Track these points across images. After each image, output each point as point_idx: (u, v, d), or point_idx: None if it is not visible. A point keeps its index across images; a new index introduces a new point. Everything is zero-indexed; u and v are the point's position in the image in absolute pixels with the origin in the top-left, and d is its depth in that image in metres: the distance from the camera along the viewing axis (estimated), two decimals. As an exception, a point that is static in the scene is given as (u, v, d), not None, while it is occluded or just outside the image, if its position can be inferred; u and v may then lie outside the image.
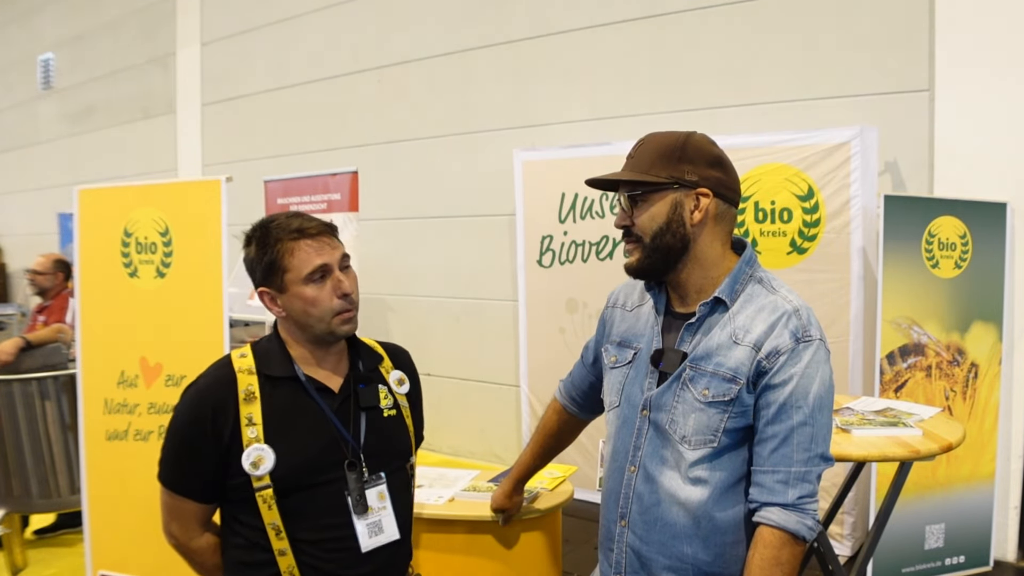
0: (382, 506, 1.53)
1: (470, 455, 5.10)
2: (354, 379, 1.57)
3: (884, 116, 3.54)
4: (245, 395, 1.47)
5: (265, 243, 1.50)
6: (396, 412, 1.61)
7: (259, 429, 1.45)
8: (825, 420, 1.36)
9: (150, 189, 3.23)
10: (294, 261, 1.48)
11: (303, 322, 1.51)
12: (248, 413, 1.46)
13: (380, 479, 1.53)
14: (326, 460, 1.49)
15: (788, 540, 1.31)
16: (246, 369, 1.51)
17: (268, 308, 1.54)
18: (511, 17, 4.81)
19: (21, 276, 8.49)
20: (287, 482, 1.45)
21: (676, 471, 1.40)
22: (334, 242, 1.54)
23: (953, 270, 3.33)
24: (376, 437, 1.55)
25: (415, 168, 5.31)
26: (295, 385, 1.51)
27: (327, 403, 1.52)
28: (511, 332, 4.72)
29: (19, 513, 3.52)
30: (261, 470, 1.43)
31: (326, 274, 1.50)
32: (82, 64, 8.08)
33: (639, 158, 1.42)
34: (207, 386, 1.50)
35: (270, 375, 1.50)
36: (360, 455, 1.51)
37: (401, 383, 1.66)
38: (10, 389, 3.33)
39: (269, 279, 1.51)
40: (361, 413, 1.55)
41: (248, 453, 1.44)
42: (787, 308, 1.37)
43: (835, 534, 3.41)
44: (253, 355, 1.54)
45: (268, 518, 1.45)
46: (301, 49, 5.97)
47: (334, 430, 1.51)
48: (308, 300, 1.48)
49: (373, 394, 1.58)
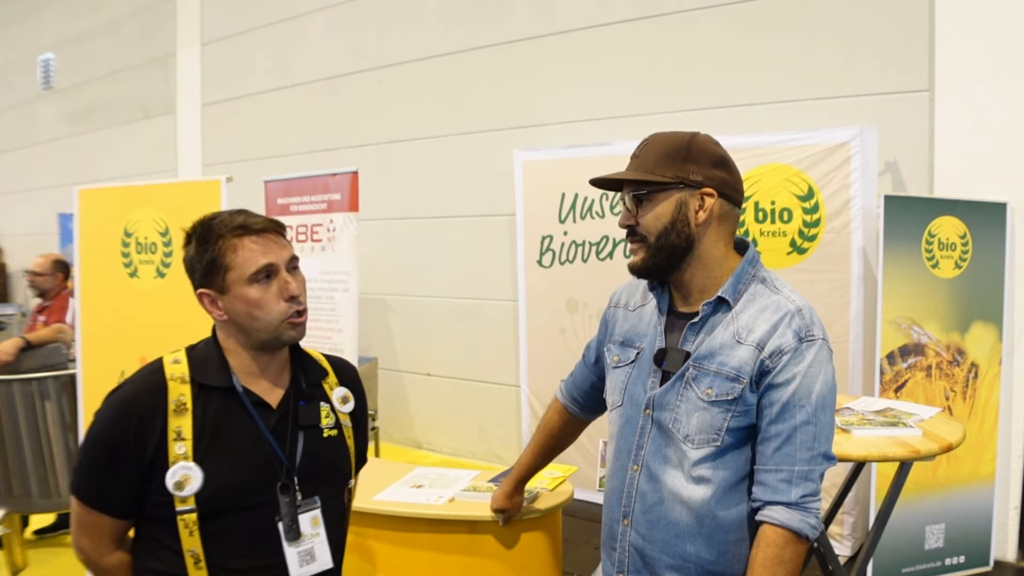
0: (315, 532, 1.41)
1: (470, 455, 5.11)
2: (295, 394, 1.46)
3: (884, 116, 3.54)
4: (175, 406, 1.35)
5: (206, 240, 1.39)
6: (337, 432, 1.49)
7: (188, 445, 1.33)
8: (828, 419, 1.37)
9: (150, 189, 3.24)
10: (237, 259, 1.37)
11: (246, 326, 1.39)
12: (177, 427, 1.34)
13: (314, 503, 1.42)
14: (258, 482, 1.37)
15: (791, 538, 1.32)
16: (179, 377, 1.38)
17: (208, 311, 1.42)
18: (511, 17, 4.82)
19: (21, 276, 8.49)
20: (213, 505, 1.33)
21: (679, 470, 1.40)
22: (281, 241, 1.43)
23: (953, 270, 3.33)
24: (313, 459, 1.44)
25: (415, 168, 5.31)
26: (231, 397, 1.39)
27: (264, 419, 1.40)
28: (511, 332, 4.72)
29: (19, 513, 3.52)
30: (186, 491, 1.31)
31: (272, 274, 1.39)
32: (82, 64, 8.08)
33: (644, 158, 1.42)
34: (134, 393, 1.37)
35: (205, 384, 1.38)
36: (294, 477, 1.40)
37: (345, 401, 1.54)
38: (10, 389, 3.32)
39: (209, 279, 1.39)
40: (299, 432, 1.43)
41: (173, 471, 1.31)
42: (790, 308, 1.38)
43: (835, 534, 3.41)
44: (188, 361, 1.41)
45: (188, 544, 1.32)
46: (301, 49, 5.97)
47: (269, 449, 1.39)
48: (252, 302, 1.37)
49: (314, 412, 1.47)
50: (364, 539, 2.18)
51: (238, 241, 1.38)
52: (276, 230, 1.43)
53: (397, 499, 2.19)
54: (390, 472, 2.44)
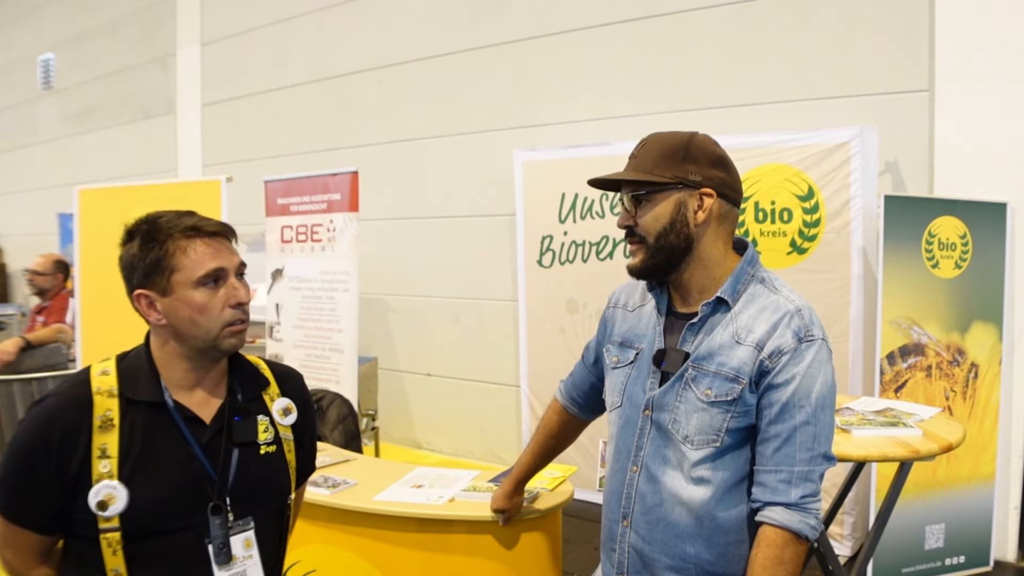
0: (248, 555, 1.35)
1: (470, 455, 5.10)
2: (230, 408, 1.39)
3: (884, 116, 3.54)
4: (101, 422, 1.28)
5: (152, 238, 1.32)
6: (276, 448, 1.42)
7: (113, 464, 1.26)
8: (827, 419, 1.36)
9: (150, 189, 3.24)
10: (186, 260, 1.31)
11: (185, 332, 1.33)
12: (102, 443, 1.27)
13: (248, 524, 1.36)
14: (187, 502, 1.31)
15: (791, 539, 1.32)
16: (106, 391, 1.31)
17: (144, 314, 1.35)
18: (511, 17, 4.81)
19: (21, 276, 8.49)
20: (139, 525, 1.27)
21: (679, 471, 1.40)
22: (232, 246, 1.37)
23: (953, 270, 3.33)
24: (247, 477, 1.37)
25: (415, 168, 5.31)
26: (161, 412, 1.32)
27: (195, 436, 1.33)
28: (511, 332, 4.72)
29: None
30: (110, 511, 1.25)
31: (220, 279, 1.33)
32: (82, 64, 8.08)
33: (642, 158, 1.42)
34: (58, 407, 1.29)
35: (133, 399, 1.31)
36: (227, 497, 1.34)
37: (286, 413, 1.46)
38: (10, 389, 3.33)
39: (151, 279, 1.32)
40: (233, 449, 1.36)
41: (97, 490, 1.25)
42: (789, 308, 1.37)
43: (835, 534, 3.41)
44: (117, 373, 1.34)
45: (111, 564, 1.27)
46: (301, 49, 5.97)
47: (199, 468, 1.32)
48: (196, 306, 1.31)
49: (250, 428, 1.39)
50: (364, 539, 2.18)
51: (188, 243, 1.32)
52: (228, 235, 1.37)
53: (397, 499, 2.19)
54: (390, 472, 2.44)
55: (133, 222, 1.36)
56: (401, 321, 5.46)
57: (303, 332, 4.31)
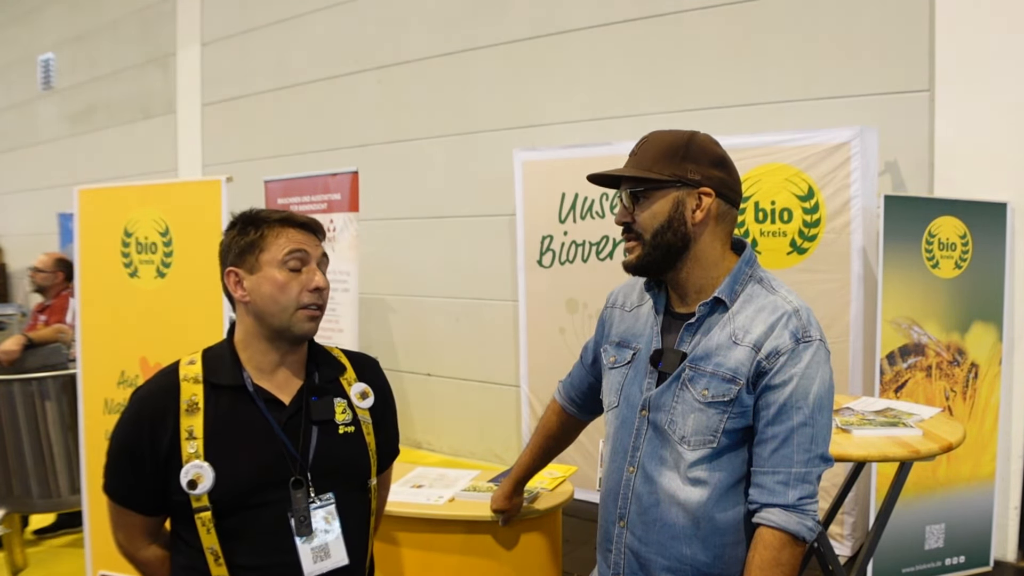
0: (329, 528, 1.41)
1: (470, 455, 5.11)
2: (308, 390, 1.46)
3: (884, 116, 3.54)
4: (187, 406, 1.37)
5: (250, 223, 1.44)
6: (355, 428, 1.48)
7: (199, 444, 1.35)
8: (825, 421, 1.36)
9: (150, 189, 3.24)
10: (276, 241, 1.42)
11: (266, 310, 1.41)
12: (189, 426, 1.36)
13: (328, 499, 1.42)
14: (270, 478, 1.38)
15: (788, 541, 1.31)
16: (192, 377, 1.40)
17: (231, 292, 1.44)
18: (511, 17, 4.81)
19: (21, 276, 8.50)
20: (227, 502, 1.34)
21: (675, 471, 1.40)
22: (318, 240, 1.48)
23: (953, 270, 3.33)
24: (327, 454, 1.43)
25: (415, 168, 5.31)
26: (242, 395, 1.40)
27: (275, 416, 1.41)
28: (511, 332, 4.72)
29: (19, 513, 3.52)
30: (199, 489, 1.33)
31: (303, 263, 1.43)
32: (82, 64, 8.08)
33: (642, 155, 1.42)
34: (148, 394, 1.41)
35: (216, 384, 1.40)
36: (308, 473, 1.40)
37: (364, 396, 1.53)
38: (10, 389, 3.33)
39: (242, 258, 1.42)
40: (312, 427, 1.43)
41: (187, 470, 1.34)
42: (787, 308, 1.37)
43: (835, 534, 3.41)
44: (202, 362, 1.44)
45: (207, 542, 1.34)
46: (301, 49, 5.97)
47: (281, 445, 1.39)
48: (278, 284, 1.39)
49: (327, 407, 1.46)
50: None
51: (281, 229, 1.43)
52: (317, 230, 1.48)
53: (397, 499, 2.19)
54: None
55: (237, 214, 1.48)
56: (401, 321, 5.46)
57: (303, 332, 4.31)
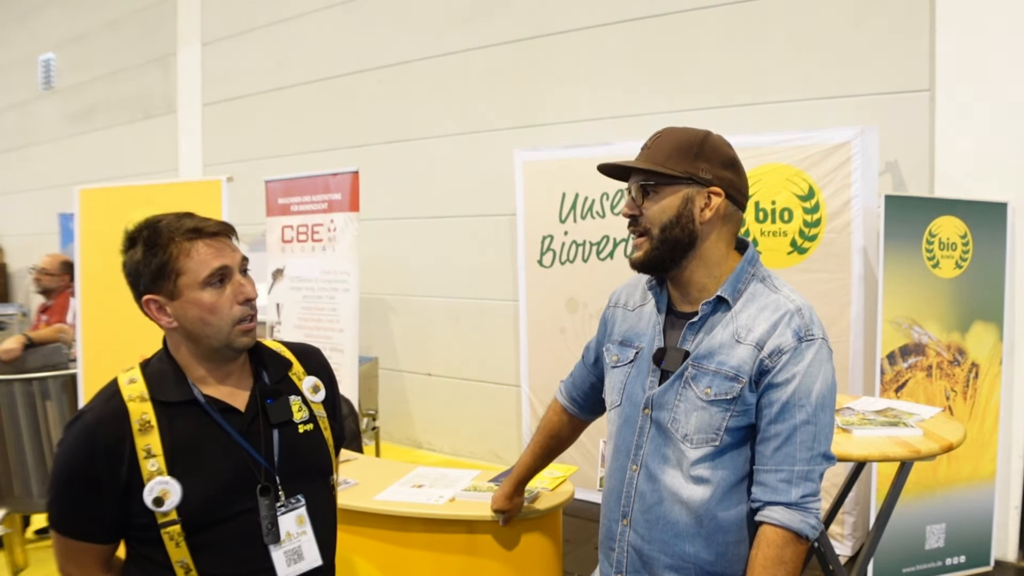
0: (301, 531, 1.40)
1: (470, 455, 5.11)
2: (260, 393, 1.41)
3: (884, 116, 3.54)
4: (140, 426, 1.30)
5: (155, 244, 1.33)
6: (313, 425, 1.46)
7: (160, 460, 1.29)
8: (827, 419, 1.36)
9: (150, 189, 3.24)
10: (190, 263, 1.32)
11: (197, 333, 1.35)
12: (145, 444, 1.30)
13: (298, 502, 1.40)
14: (238, 488, 1.35)
15: (791, 539, 1.32)
16: (137, 396, 1.33)
17: (155, 319, 1.36)
18: (511, 17, 4.81)
19: (21, 276, 8.50)
20: (196, 516, 1.30)
21: (678, 470, 1.40)
22: (233, 244, 1.39)
23: (954, 270, 3.33)
24: (292, 456, 1.41)
25: (415, 168, 5.31)
26: (195, 409, 1.35)
27: (233, 425, 1.36)
28: (511, 332, 4.72)
29: (20, 513, 3.52)
30: (166, 506, 1.28)
31: (226, 277, 1.35)
32: (82, 64, 8.08)
33: (655, 149, 1.42)
34: (96, 422, 1.31)
35: (165, 401, 1.34)
36: (275, 478, 1.38)
37: (316, 390, 1.50)
38: (11, 388, 3.33)
39: (158, 284, 1.33)
40: (273, 431, 1.40)
41: (151, 488, 1.28)
42: (789, 307, 1.37)
43: (836, 534, 3.41)
44: (144, 379, 1.36)
45: (176, 556, 1.30)
46: (301, 49, 5.97)
47: (244, 454, 1.36)
48: (206, 307, 1.33)
49: (284, 408, 1.43)
50: (364, 539, 2.18)
51: (191, 245, 1.34)
52: (228, 233, 1.39)
53: (397, 499, 2.19)
54: (390, 472, 2.44)
55: (133, 228, 1.37)
56: (401, 321, 5.46)
57: (304, 332, 4.31)
